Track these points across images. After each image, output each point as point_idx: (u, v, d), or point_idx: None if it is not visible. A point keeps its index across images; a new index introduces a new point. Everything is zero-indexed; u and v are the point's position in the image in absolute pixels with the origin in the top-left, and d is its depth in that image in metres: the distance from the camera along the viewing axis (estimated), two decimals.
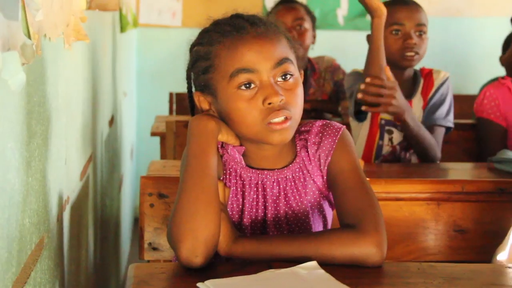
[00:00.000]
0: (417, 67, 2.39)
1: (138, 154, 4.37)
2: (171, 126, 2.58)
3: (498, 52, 3.36)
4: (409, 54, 2.27)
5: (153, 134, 2.83)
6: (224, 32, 1.36)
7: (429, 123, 2.29)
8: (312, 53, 3.17)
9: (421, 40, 2.28)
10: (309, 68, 3.10)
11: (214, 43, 1.36)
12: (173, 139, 2.58)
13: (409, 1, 2.34)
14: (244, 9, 1.42)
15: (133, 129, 4.27)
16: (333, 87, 3.09)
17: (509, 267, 1.31)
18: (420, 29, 2.29)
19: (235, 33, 1.34)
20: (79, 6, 1.58)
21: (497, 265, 1.38)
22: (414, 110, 2.29)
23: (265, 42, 1.34)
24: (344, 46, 4.10)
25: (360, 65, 2.60)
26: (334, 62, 3.13)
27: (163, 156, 2.73)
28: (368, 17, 2.29)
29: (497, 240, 1.51)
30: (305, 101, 3.11)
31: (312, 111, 3.01)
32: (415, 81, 2.37)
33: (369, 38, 2.33)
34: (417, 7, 2.32)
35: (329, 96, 3.09)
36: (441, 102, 2.31)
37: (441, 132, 2.28)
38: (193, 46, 1.43)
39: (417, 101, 2.32)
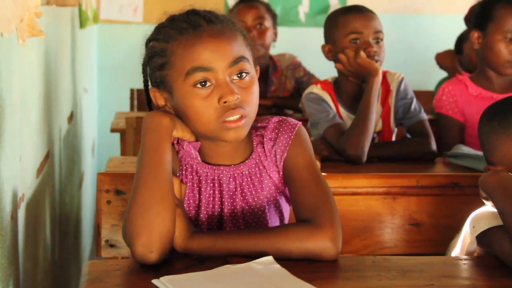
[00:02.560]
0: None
1: (99, 151, 4.33)
2: (131, 122, 2.57)
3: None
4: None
5: (113, 130, 2.81)
6: (180, 29, 1.35)
7: (412, 122, 2.31)
8: (274, 50, 3.18)
9: (379, 47, 2.30)
10: (271, 66, 3.11)
11: (170, 40, 1.36)
12: (133, 135, 2.56)
13: (364, 9, 2.35)
14: (205, 5, 1.42)
15: (95, 125, 4.23)
16: (294, 84, 3.11)
17: (460, 259, 1.33)
18: (378, 36, 2.30)
19: (191, 31, 1.34)
20: (34, 1, 1.56)
21: (449, 257, 1.41)
22: (376, 119, 2.32)
23: (221, 41, 1.34)
24: (306, 43, 4.11)
25: (321, 61, 2.62)
26: (295, 60, 3.14)
27: (123, 152, 2.71)
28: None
29: (452, 233, 1.54)
30: (267, 98, 3.14)
31: (273, 108, 3.02)
32: None
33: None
34: (373, 14, 2.33)
35: (290, 93, 3.11)
36: (409, 101, 2.33)
37: (427, 124, 2.31)
38: (149, 41, 1.42)
39: (378, 109, 2.34)
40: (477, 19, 2.44)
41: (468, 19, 2.96)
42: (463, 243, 1.40)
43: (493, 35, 2.35)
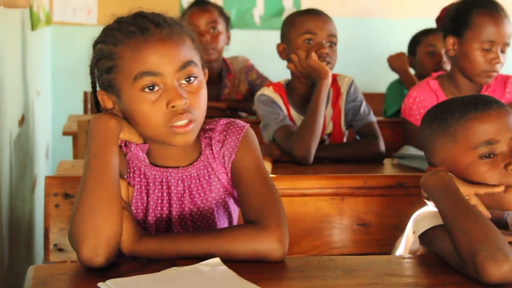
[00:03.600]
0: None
1: (54, 154, 4.28)
2: (83, 125, 2.55)
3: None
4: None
5: (65, 133, 2.79)
6: (128, 33, 1.35)
7: (361, 124, 2.35)
8: (229, 53, 3.19)
9: (332, 51, 2.34)
10: (224, 69, 3.12)
11: (118, 44, 1.36)
12: (85, 138, 2.54)
13: (322, 13, 2.40)
14: (160, 7, 1.42)
15: (48, 129, 4.17)
16: (248, 87, 3.13)
17: (404, 258, 1.36)
18: (331, 39, 2.35)
19: (139, 35, 1.34)
20: None
21: (393, 256, 1.44)
22: (327, 121, 2.36)
23: (170, 45, 1.34)
24: (261, 45, 4.13)
25: (276, 63, 2.64)
26: (248, 63, 3.16)
27: (76, 156, 2.69)
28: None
29: (398, 233, 1.57)
30: (221, 100, 3.14)
31: (227, 110, 3.03)
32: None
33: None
34: (329, 18, 2.38)
35: (243, 96, 3.12)
36: (358, 104, 2.37)
37: (376, 126, 2.34)
38: (96, 43, 1.42)
39: (328, 111, 2.38)
40: (452, 24, 2.37)
41: (440, 22, 2.91)
42: (406, 242, 1.43)
43: (470, 43, 2.29)
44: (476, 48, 2.30)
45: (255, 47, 4.11)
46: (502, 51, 2.31)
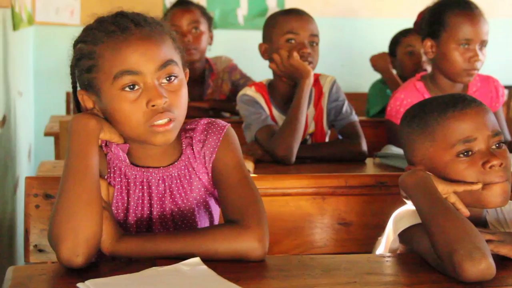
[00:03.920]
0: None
1: (36, 155, 4.25)
2: (65, 126, 2.54)
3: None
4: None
5: (47, 134, 2.77)
6: (108, 32, 1.35)
7: (343, 123, 2.36)
8: (213, 53, 3.19)
9: (314, 51, 2.35)
10: (207, 69, 3.12)
11: (98, 43, 1.35)
12: (67, 139, 2.53)
13: (304, 13, 2.41)
14: (143, 6, 1.42)
15: (31, 129, 4.14)
16: (231, 87, 3.12)
17: (384, 257, 1.37)
18: (313, 39, 2.36)
19: (119, 34, 1.34)
20: None
21: (372, 255, 1.44)
22: (309, 121, 2.36)
23: (150, 44, 1.34)
24: (244, 46, 4.13)
25: (260, 63, 2.64)
26: (231, 63, 3.16)
27: (58, 156, 2.68)
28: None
29: (379, 232, 1.57)
30: (204, 100, 3.14)
31: (210, 110, 3.03)
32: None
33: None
34: (311, 18, 2.39)
35: (227, 96, 3.12)
36: (340, 103, 2.39)
37: (358, 125, 2.35)
38: (76, 42, 1.42)
39: (311, 111, 2.38)
40: (429, 27, 2.38)
41: (418, 26, 2.94)
42: (386, 241, 1.44)
43: (447, 44, 2.31)
44: (454, 48, 2.31)
45: (239, 47, 4.11)
46: (481, 49, 2.33)
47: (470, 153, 1.39)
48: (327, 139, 2.45)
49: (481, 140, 1.39)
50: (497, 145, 1.41)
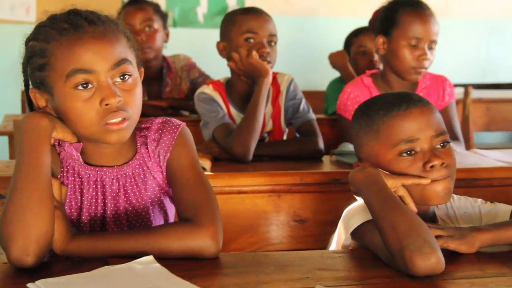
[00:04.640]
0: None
1: None
2: (19, 124, 2.50)
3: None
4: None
5: (1, 133, 2.73)
6: (60, 30, 1.34)
7: (300, 121, 2.37)
8: (173, 51, 3.17)
9: (272, 50, 2.37)
10: (165, 67, 3.10)
11: (50, 41, 1.34)
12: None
13: (262, 12, 2.42)
14: (101, 5, 1.40)
15: None
16: (190, 85, 3.11)
17: (337, 253, 1.39)
18: (272, 39, 2.37)
19: (72, 32, 1.33)
20: None
21: (325, 251, 1.46)
22: (267, 119, 2.38)
23: (104, 43, 1.33)
24: (204, 44, 4.12)
25: (220, 62, 2.63)
26: (189, 61, 3.15)
27: (12, 156, 2.64)
28: None
29: (334, 228, 1.59)
30: (162, 99, 3.11)
31: (169, 109, 3.01)
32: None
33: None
34: (270, 18, 2.40)
35: (185, 94, 3.11)
36: (298, 101, 2.41)
37: (315, 123, 2.37)
38: (28, 40, 1.40)
39: (268, 109, 2.40)
40: (381, 24, 2.46)
41: (372, 23, 3.01)
42: (338, 238, 1.45)
43: (397, 41, 2.38)
44: (404, 46, 2.38)
45: (199, 45, 4.10)
46: (430, 48, 2.40)
47: (412, 152, 1.41)
48: (285, 137, 2.46)
49: (424, 140, 1.41)
50: (441, 144, 1.43)
